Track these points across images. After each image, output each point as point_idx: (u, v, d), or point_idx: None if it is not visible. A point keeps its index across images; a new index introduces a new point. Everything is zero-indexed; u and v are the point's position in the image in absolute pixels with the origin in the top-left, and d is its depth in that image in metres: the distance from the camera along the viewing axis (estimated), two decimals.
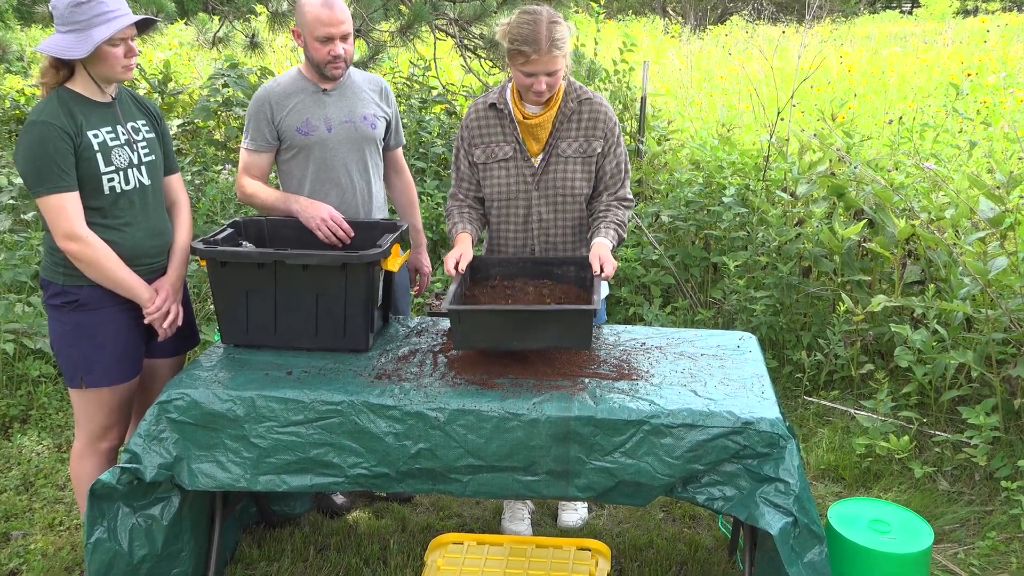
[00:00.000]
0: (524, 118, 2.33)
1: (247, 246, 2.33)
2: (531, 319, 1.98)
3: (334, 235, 2.38)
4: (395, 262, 2.25)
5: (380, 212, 2.66)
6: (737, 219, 4.15)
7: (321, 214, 2.38)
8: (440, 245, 5.18)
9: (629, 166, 2.41)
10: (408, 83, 5.30)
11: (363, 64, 4.71)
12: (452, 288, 2.08)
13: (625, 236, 2.35)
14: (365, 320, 2.18)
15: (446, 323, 2.45)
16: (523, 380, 2.02)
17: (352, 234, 2.40)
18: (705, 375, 2.08)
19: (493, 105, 2.37)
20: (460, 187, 2.43)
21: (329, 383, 2.01)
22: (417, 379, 2.05)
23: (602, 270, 2.14)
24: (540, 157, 2.35)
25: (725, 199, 4.08)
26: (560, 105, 2.32)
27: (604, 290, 2.66)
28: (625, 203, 2.38)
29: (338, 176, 2.51)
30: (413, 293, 2.89)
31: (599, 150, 2.34)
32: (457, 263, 2.20)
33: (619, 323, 4.07)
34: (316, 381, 2.02)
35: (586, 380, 2.03)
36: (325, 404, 1.96)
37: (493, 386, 2.00)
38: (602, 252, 2.19)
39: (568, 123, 2.34)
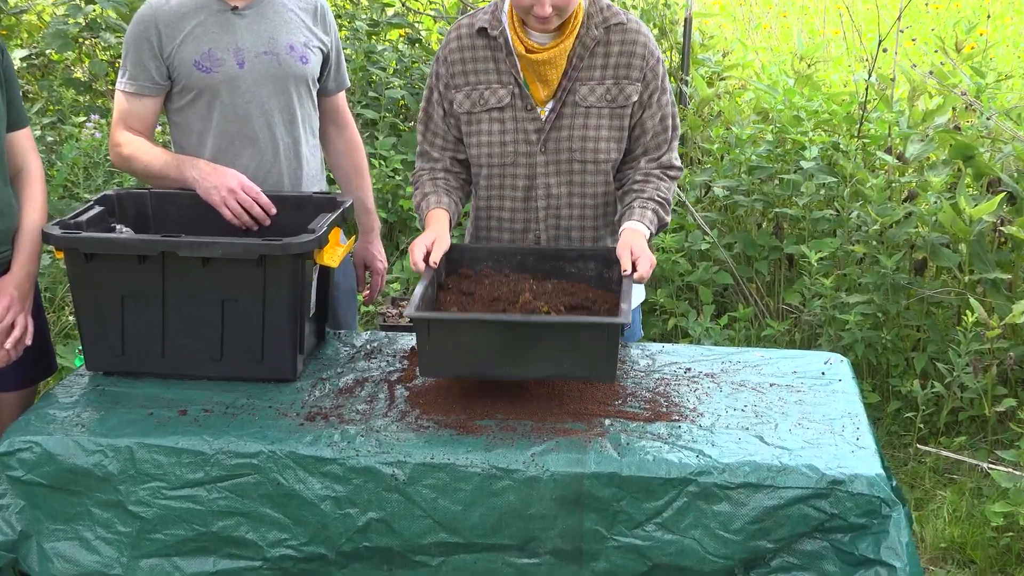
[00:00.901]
0: (527, 51, 2.33)
1: (123, 231, 2.34)
2: (531, 335, 1.99)
3: (247, 214, 2.40)
4: (335, 254, 2.27)
5: (315, 183, 2.68)
6: (822, 192, 4.19)
7: (228, 184, 2.40)
8: (400, 229, 5.20)
9: (678, 120, 2.43)
10: None
11: None
12: (419, 289, 2.10)
13: (668, 219, 2.38)
14: (292, 337, 2.20)
15: (408, 340, 2.47)
16: (517, 422, 2.04)
17: (273, 212, 2.42)
18: (776, 414, 2.10)
19: (482, 31, 2.37)
20: (433, 145, 2.45)
21: (240, 427, 2.02)
22: (366, 420, 2.06)
23: (635, 268, 2.15)
24: (550, 106, 2.36)
25: (804, 164, 4.12)
26: (579, 33, 2.33)
27: (638, 295, 2.68)
28: (671, 172, 2.40)
29: (254, 130, 2.52)
30: (362, 299, 2.92)
31: (635, 98, 2.35)
32: (427, 253, 2.22)
33: (655, 340, 4.10)
34: (222, 424, 2.03)
35: (607, 421, 2.05)
36: (235, 457, 1.96)
37: (475, 430, 2.01)
38: (635, 242, 2.21)
39: (591, 59, 2.35)
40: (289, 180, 2.59)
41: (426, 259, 2.20)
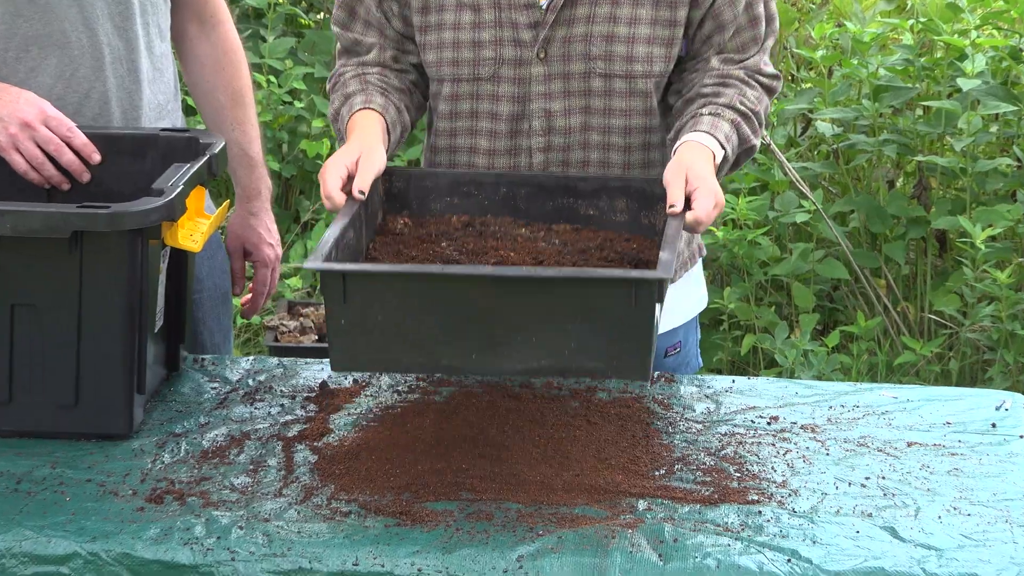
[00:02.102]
0: None
1: None
2: (510, 301, 2.00)
3: (51, 163, 2.41)
4: (196, 231, 2.28)
5: (163, 114, 2.69)
6: (993, 130, 4.20)
7: (21, 114, 2.40)
8: (302, 188, 5.20)
9: (774, 7, 2.47)
10: None
11: None
12: (331, 231, 2.11)
13: (757, 143, 2.41)
14: (125, 366, 2.20)
15: (316, 370, 2.48)
16: (496, 504, 2.04)
17: (96, 159, 2.44)
18: (917, 492, 2.11)
19: None
20: (364, 37, 2.50)
21: (42, 514, 2.01)
22: (248, 503, 2.05)
23: (688, 205, 2.18)
24: None
25: (964, 83, 4.13)
26: None
27: (695, 297, 2.72)
28: (762, 79, 2.43)
29: (61, 27, 2.53)
30: (241, 304, 2.91)
31: None
32: (348, 178, 2.24)
33: (720, 372, 4.11)
34: (10, 510, 2.02)
35: (642, 503, 2.05)
36: (33, 563, 1.95)
37: (426, 519, 2.00)
38: (695, 165, 2.24)
39: None
40: (121, 109, 2.59)
41: (346, 189, 2.21)
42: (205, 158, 2.35)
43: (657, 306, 1.99)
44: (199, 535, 1.97)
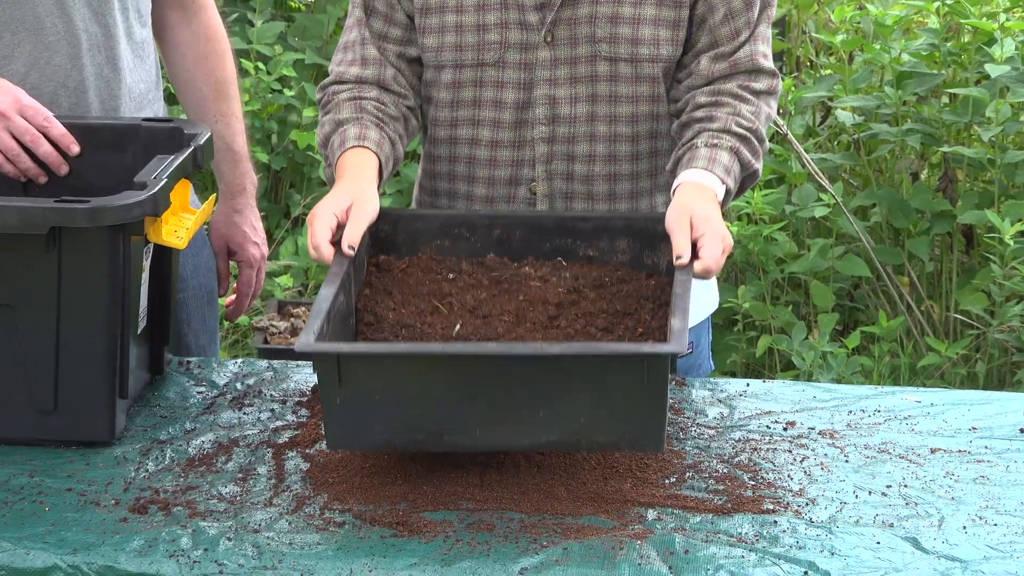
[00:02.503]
0: None
1: None
2: (518, 372, 2.01)
3: (27, 155, 2.42)
4: (180, 227, 2.29)
5: (144, 103, 2.70)
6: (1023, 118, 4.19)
7: None
8: (292, 182, 5.21)
9: None
10: None
11: None
12: (322, 295, 2.12)
13: (759, 167, 2.41)
14: (107, 370, 2.21)
15: (307, 374, 2.49)
16: (497, 514, 2.04)
17: (75, 151, 2.44)
18: (942, 500, 2.12)
19: None
20: (365, 38, 2.49)
21: (19, 525, 2.02)
22: (236, 513, 2.06)
23: (696, 254, 2.19)
24: None
25: (993, 69, 4.12)
26: None
27: (706, 300, 2.71)
28: (755, 84, 2.43)
29: (36, 14, 2.53)
30: (225, 305, 2.92)
31: None
32: (337, 227, 2.24)
33: (734, 375, 4.11)
34: None
35: (651, 513, 2.06)
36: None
37: (423, 529, 2.01)
38: (698, 207, 2.25)
39: None
40: (99, 98, 2.60)
41: (335, 241, 2.21)
42: (190, 150, 2.35)
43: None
44: (185, 547, 1.97)
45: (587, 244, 2.36)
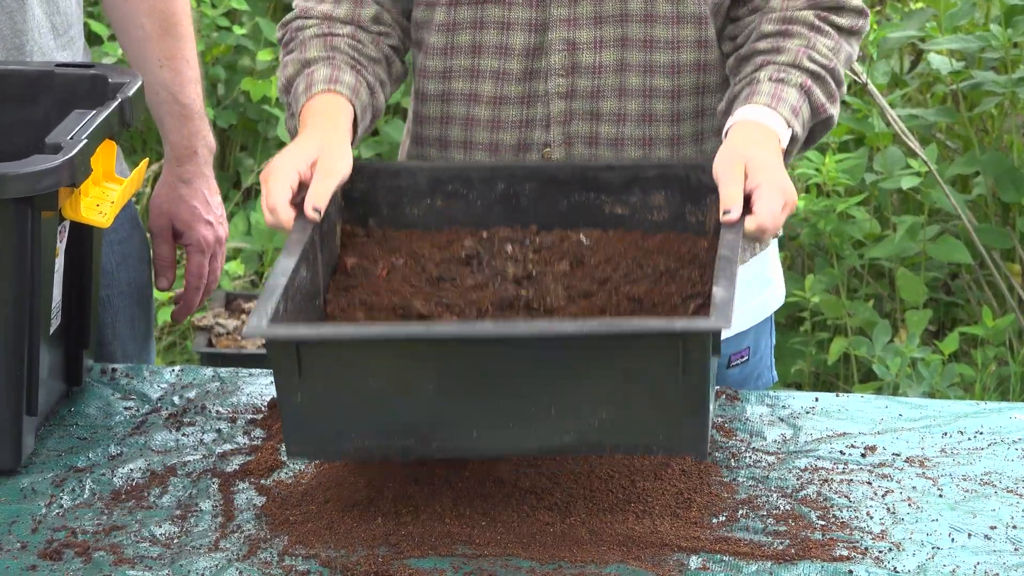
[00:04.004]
0: None
1: None
2: (522, 358, 2.02)
3: None
4: (104, 199, 2.29)
5: (60, 43, 2.71)
6: None
7: None
8: (244, 143, 5.21)
9: None
10: None
11: None
12: (279, 267, 2.12)
13: (835, 113, 2.42)
14: (11, 377, 2.21)
15: (262, 383, 2.51)
16: (502, 561, 2.04)
17: None
18: None
19: None
20: None
21: None
22: (173, 559, 2.06)
23: (748, 207, 2.20)
24: None
25: None
26: None
27: (766, 290, 2.74)
28: (839, 18, 2.45)
29: None
30: (162, 297, 2.91)
31: None
32: (299, 185, 2.25)
33: (798, 387, 4.11)
34: None
35: (694, 560, 2.07)
36: None
37: None
38: (753, 153, 2.26)
39: None
40: None
41: (297, 203, 2.22)
42: (116, 103, 2.35)
43: (713, 360, 2.02)
44: None
45: (614, 199, 2.37)
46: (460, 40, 2.47)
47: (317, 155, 2.26)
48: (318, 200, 2.21)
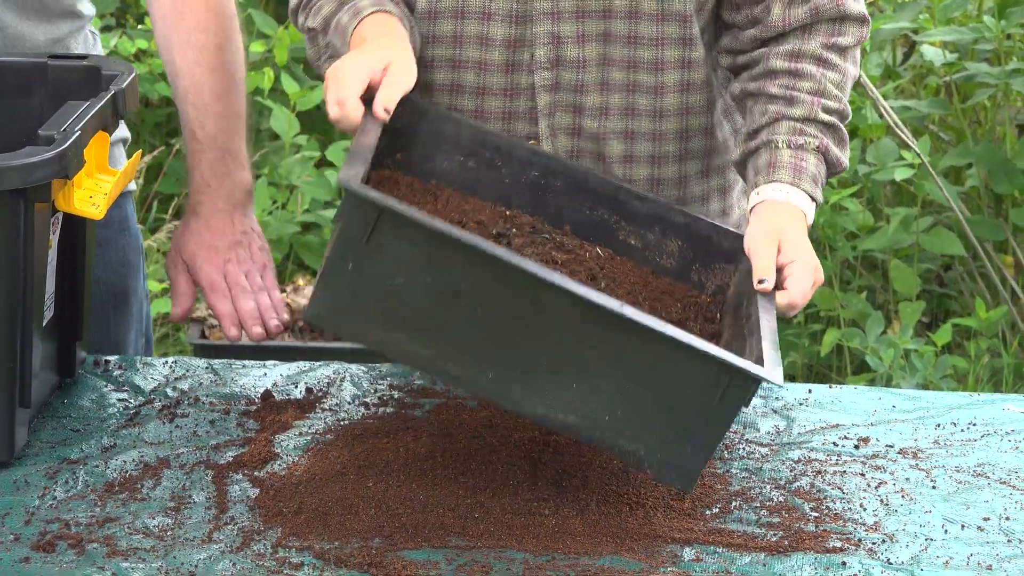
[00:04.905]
0: None
1: None
2: (568, 322, 2.00)
3: None
4: (96, 192, 2.28)
5: (69, 33, 2.69)
6: None
7: None
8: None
9: None
10: None
11: None
12: (361, 140, 2.12)
13: (846, 162, 2.41)
14: (4, 368, 2.21)
15: (256, 376, 2.51)
16: (496, 553, 2.04)
17: None
18: None
19: None
20: None
21: None
22: (168, 551, 2.06)
23: (779, 282, 2.21)
24: None
25: None
26: None
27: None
28: (841, 42, 2.44)
29: None
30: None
31: None
32: (368, 87, 2.23)
33: (792, 378, 4.12)
34: None
35: (688, 551, 2.07)
36: None
37: (400, 573, 2.00)
38: (788, 231, 2.27)
39: None
40: None
41: (372, 98, 2.21)
42: (109, 95, 2.34)
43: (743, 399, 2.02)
44: None
45: (632, 230, 2.37)
46: (441, 30, 2.46)
47: (389, 60, 2.25)
48: (389, 102, 2.21)
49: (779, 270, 2.21)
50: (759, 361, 2.02)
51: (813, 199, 2.34)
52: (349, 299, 2.04)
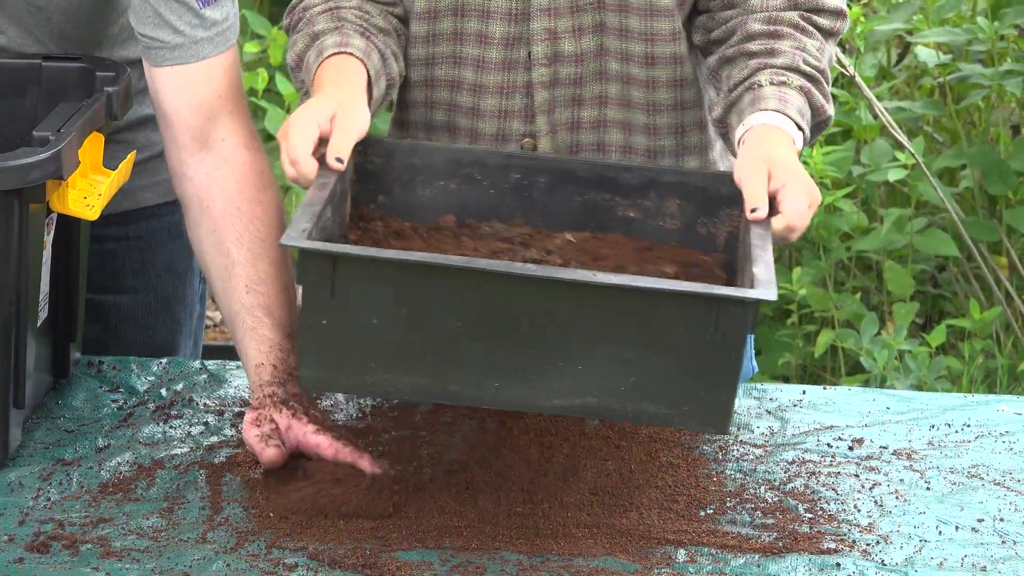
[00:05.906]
0: None
1: None
2: (557, 308, 2.00)
3: None
4: (90, 193, 2.28)
5: (123, 39, 2.68)
6: None
7: None
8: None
9: None
10: None
11: None
12: (310, 197, 2.10)
13: (831, 113, 2.41)
14: None
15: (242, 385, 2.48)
16: (490, 555, 2.04)
17: None
18: None
19: None
20: None
21: None
22: (161, 552, 2.06)
23: (774, 207, 2.20)
24: None
25: None
26: None
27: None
28: (821, 20, 2.45)
29: None
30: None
31: None
32: (319, 139, 2.21)
33: (786, 380, 4.12)
34: None
35: (682, 553, 2.07)
36: None
37: (395, 574, 2.01)
38: (777, 154, 2.26)
39: None
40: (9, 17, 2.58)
41: (317, 155, 2.20)
42: (103, 96, 2.34)
43: (749, 338, 2.01)
44: None
45: (629, 202, 2.36)
46: (441, 28, 2.46)
47: (335, 110, 2.24)
48: (340, 151, 2.19)
49: (772, 196, 2.18)
50: (751, 286, 2.00)
51: (800, 129, 2.31)
52: (335, 355, 2.03)
